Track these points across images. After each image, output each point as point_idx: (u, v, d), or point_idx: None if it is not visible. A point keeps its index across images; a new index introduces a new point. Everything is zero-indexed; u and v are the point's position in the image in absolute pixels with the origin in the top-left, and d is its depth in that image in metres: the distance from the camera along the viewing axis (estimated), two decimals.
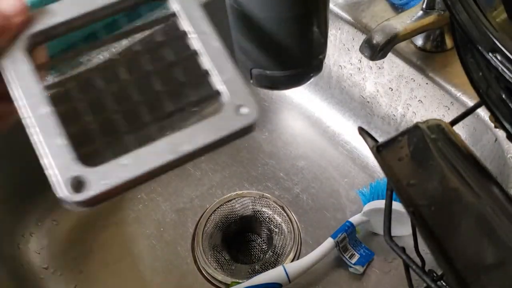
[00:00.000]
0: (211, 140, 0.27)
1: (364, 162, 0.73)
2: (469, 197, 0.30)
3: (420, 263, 0.41)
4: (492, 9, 0.28)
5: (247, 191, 0.71)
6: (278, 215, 0.69)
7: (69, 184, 0.26)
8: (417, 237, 0.43)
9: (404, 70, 0.65)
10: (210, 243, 0.67)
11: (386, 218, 0.37)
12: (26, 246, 0.67)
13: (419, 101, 0.66)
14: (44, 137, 0.27)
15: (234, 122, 0.28)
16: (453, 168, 0.31)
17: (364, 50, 0.57)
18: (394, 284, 0.63)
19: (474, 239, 0.29)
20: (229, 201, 0.70)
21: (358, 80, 0.73)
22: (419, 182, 0.31)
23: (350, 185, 0.72)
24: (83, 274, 0.65)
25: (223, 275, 0.64)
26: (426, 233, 0.28)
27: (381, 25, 0.57)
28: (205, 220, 0.69)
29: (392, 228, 0.37)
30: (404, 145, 0.33)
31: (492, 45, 0.26)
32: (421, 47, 0.64)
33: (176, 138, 0.27)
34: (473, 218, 0.30)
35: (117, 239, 0.68)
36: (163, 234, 0.68)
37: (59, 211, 0.69)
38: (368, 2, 0.69)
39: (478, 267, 0.28)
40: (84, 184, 0.26)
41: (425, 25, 0.59)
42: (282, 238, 0.67)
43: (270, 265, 0.65)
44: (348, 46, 0.71)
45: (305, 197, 0.71)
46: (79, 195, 0.26)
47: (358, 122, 0.76)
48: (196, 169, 0.73)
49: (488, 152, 0.59)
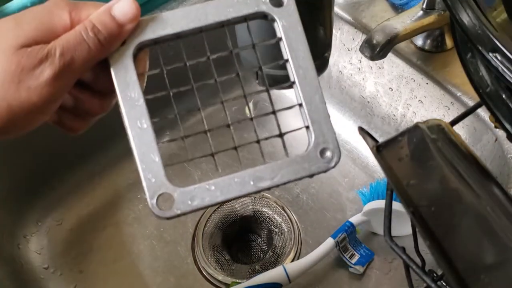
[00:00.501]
0: (290, 179, 0.29)
1: (364, 162, 0.73)
2: (469, 197, 0.30)
3: (420, 263, 0.41)
4: (492, 9, 0.29)
5: None
6: (278, 215, 0.69)
7: (159, 200, 0.28)
8: (417, 237, 0.43)
9: (404, 70, 0.65)
10: (210, 243, 0.67)
11: (386, 218, 0.37)
12: (26, 246, 0.67)
13: (419, 101, 0.66)
14: (141, 151, 0.29)
15: (316, 164, 0.29)
16: (453, 168, 0.31)
17: (364, 50, 0.57)
18: (394, 284, 0.63)
19: (474, 239, 0.29)
20: (229, 201, 0.70)
21: (358, 80, 0.73)
22: (419, 182, 0.31)
23: (350, 185, 0.72)
24: (83, 274, 0.65)
25: (223, 275, 0.64)
26: (426, 233, 0.28)
27: (381, 25, 0.57)
28: (205, 220, 0.69)
29: (392, 228, 0.37)
30: (404, 145, 0.33)
31: (492, 45, 0.26)
32: (421, 47, 0.64)
33: (260, 172, 0.29)
34: (473, 218, 0.30)
35: (117, 239, 0.68)
36: (163, 234, 0.68)
37: (59, 211, 0.69)
38: (368, 2, 0.69)
39: (478, 267, 0.28)
40: (173, 202, 0.28)
41: (425, 25, 0.59)
42: (282, 238, 0.67)
43: (270, 265, 0.65)
44: (348, 46, 0.71)
45: (305, 197, 0.71)
46: (166, 212, 0.28)
47: (358, 122, 0.76)
48: (196, 169, 0.72)
49: (488, 152, 0.59)
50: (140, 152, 0.28)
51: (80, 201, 0.71)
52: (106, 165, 0.72)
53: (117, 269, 0.66)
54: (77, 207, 0.70)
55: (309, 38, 0.41)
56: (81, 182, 0.71)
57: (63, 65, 0.28)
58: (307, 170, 0.29)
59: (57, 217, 0.69)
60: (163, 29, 0.30)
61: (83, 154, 0.71)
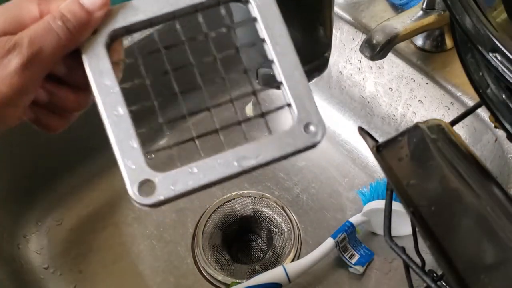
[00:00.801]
0: (276, 156, 0.28)
1: (364, 162, 0.73)
2: (469, 197, 0.30)
3: (420, 263, 0.41)
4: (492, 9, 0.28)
5: (247, 191, 0.71)
6: (278, 215, 0.69)
7: (140, 187, 0.27)
8: (417, 237, 0.43)
9: (404, 70, 0.65)
10: (210, 243, 0.67)
11: (386, 218, 0.36)
12: (26, 246, 0.67)
13: (419, 101, 0.66)
14: (119, 138, 0.28)
15: (301, 140, 0.28)
16: (453, 168, 0.31)
17: (364, 50, 0.57)
18: (394, 284, 0.63)
19: (474, 239, 0.29)
20: (229, 201, 0.70)
21: (358, 80, 0.73)
22: (419, 182, 0.31)
23: (350, 185, 0.71)
24: (83, 274, 0.65)
25: (223, 275, 0.63)
26: (426, 233, 0.28)
27: (381, 25, 0.57)
28: (205, 220, 0.69)
29: (392, 228, 0.37)
30: (404, 145, 0.33)
31: (492, 45, 0.26)
32: (421, 47, 0.64)
33: (244, 151, 0.28)
34: (473, 218, 0.30)
35: (117, 239, 0.68)
36: (163, 234, 0.68)
37: (59, 211, 0.69)
38: (368, 2, 0.69)
39: (478, 267, 0.28)
40: (154, 188, 0.27)
41: (425, 25, 0.59)
42: (282, 238, 0.67)
43: (270, 265, 0.65)
44: (348, 46, 0.71)
45: (305, 197, 0.71)
46: (148, 198, 0.27)
47: (358, 122, 0.76)
48: None
49: (488, 152, 0.59)
50: (118, 140, 0.28)
51: (80, 201, 0.71)
52: (106, 165, 0.72)
53: (117, 269, 0.66)
54: (77, 207, 0.70)
55: (309, 38, 0.42)
56: (81, 183, 0.71)
57: (31, 54, 0.28)
58: (293, 146, 0.28)
59: (57, 217, 0.69)
60: (135, 15, 0.29)
61: (83, 155, 0.71)
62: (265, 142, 0.28)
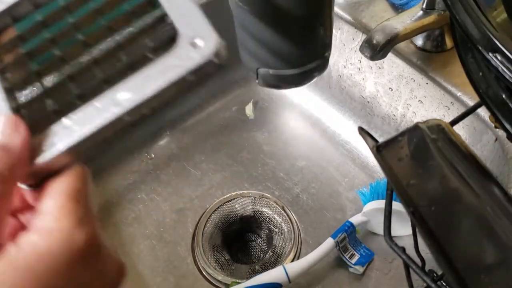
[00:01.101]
0: (163, 84, 0.23)
1: (364, 162, 0.73)
2: (469, 197, 0.30)
3: (420, 263, 0.41)
4: (492, 9, 0.28)
5: (247, 191, 0.71)
6: (278, 215, 0.69)
7: None
8: (417, 237, 0.43)
9: (404, 70, 0.65)
10: (210, 243, 0.67)
11: (386, 218, 0.36)
12: None
13: (419, 101, 0.66)
14: None
15: (189, 58, 0.23)
16: (453, 168, 0.31)
17: (364, 50, 0.57)
18: (394, 284, 0.63)
19: (474, 239, 0.29)
20: (229, 201, 0.70)
21: (358, 80, 0.73)
22: (419, 182, 0.31)
23: (350, 185, 0.72)
24: None
25: (223, 275, 0.64)
26: (426, 233, 0.28)
27: (381, 25, 0.57)
28: (205, 220, 0.69)
29: (392, 228, 0.37)
30: (404, 145, 0.33)
31: (492, 45, 0.26)
32: (421, 47, 0.64)
33: (124, 88, 0.24)
34: (473, 218, 0.30)
35: (117, 239, 0.68)
36: (163, 234, 0.68)
37: None
38: (368, 2, 0.69)
39: (478, 267, 0.28)
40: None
41: (425, 25, 0.59)
42: (282, 238, 0.67)
43: (270, 265, 0.65)
44: (348, 46, 0.71)
45: (305, 197, 0.71)
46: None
47: (358, 122, 0.76)
48: (196, 169, 0.72)
49: (488, 152, 0.59)
50: None
51: None
52: (105, 165, 0.72)
53: None
54: None
55: (309, 38, 0.41)
56: None
57: None
58: (182, 67, 0.23)
59: None
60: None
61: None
62: (148, 72, 0.23)
